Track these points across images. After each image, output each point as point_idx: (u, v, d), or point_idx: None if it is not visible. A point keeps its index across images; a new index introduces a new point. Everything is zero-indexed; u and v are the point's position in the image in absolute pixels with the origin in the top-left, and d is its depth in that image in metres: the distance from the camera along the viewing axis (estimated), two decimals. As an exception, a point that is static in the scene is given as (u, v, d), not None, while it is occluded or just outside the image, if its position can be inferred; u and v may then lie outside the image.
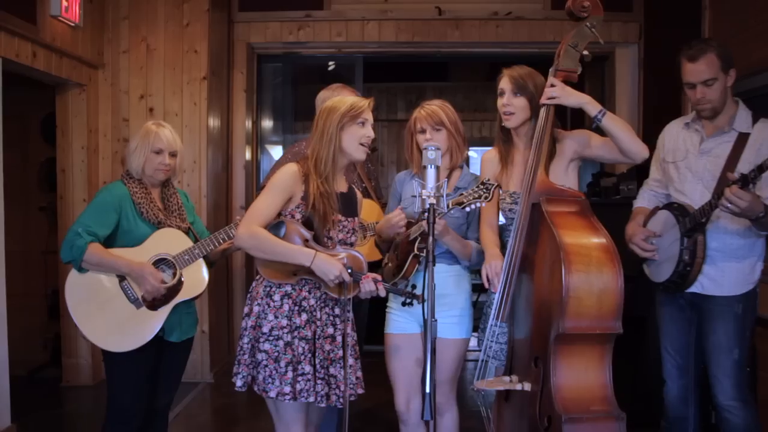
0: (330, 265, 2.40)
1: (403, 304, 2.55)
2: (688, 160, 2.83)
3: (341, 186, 2.61)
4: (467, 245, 2.78)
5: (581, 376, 2.29)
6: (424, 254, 2.66)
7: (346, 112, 2.51)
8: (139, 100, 5.08)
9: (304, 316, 2.46)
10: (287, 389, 2.39)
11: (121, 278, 2.77)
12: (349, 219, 2.59)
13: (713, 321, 2.74)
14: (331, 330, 2.51)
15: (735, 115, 2.75)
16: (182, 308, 2.87)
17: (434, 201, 2.23)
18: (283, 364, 2.41)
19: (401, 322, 2.86)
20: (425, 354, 2.09)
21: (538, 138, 2.54)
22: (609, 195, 4.99)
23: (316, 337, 2.47)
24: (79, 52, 4.69)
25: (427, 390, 2.05)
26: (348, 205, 2.61)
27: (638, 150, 2.56)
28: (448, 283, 2.78)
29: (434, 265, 2.17)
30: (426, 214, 2.22)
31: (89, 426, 4.10)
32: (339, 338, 2.51)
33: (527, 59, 2.89)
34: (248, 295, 2.58)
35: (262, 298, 2.49)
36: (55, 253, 4.85)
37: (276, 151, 6.54)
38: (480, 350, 2.66)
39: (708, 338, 2.76)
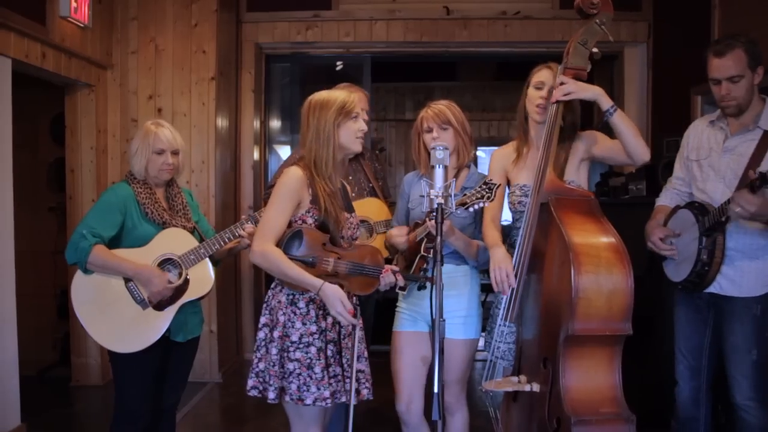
0: (335, 298, 2.36)
1: (419, 288, 2.60)
2: (711, 159, 2.79)
3: (337, 182, 2.60)
4: (473, 245, 2.77)
5: (591, 378, 2.28)
6: (430, 255, 2.68)
7: (340, 109, 2.48)
8: (147, 101, 5.10)
9: (330, 319, 2.45)
10: (326, 393, 2.37)
11: (127, 279, 2.77)
12: (352, 214, 2.60)
13: (732, 322, 2.71)
14: (350, 328, 2.52)
15: (761, 112, 2.68)
16: (188, 308, 2.87)
17: (442, 201, 2.23)
18: (318, 369, 2.38)
19: (409, 321, 2.86)
20: (434, 354, 2.09)
21: (547, 137, 2.53)
22: (618, 194, 4.97)
23: (341, 336, 2.48)
24: (88, 52, 4.71)
25: (435, 390, 2.05)
26: (346, 201, 2.63)
27: (642, 152, 2.57)
28: (457, 283, 2.77)
29: (442, 265, 2.18)
30: (431, 214, 2.22)
31: (98, 426, 4.12)
32: (359, 333, 2.51)
33: (535, 59, 2.88)
34: (265, 305, 2.53)
35: (286, 307, 2.44)
36: (64, 254, 4.87)
37: (284, 151, 6.55)
38: (486, 351, 2.66)
39: (726, 339, 2.73)
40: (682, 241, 2.79)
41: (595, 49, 2.57)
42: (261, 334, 2.49)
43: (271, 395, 2.41)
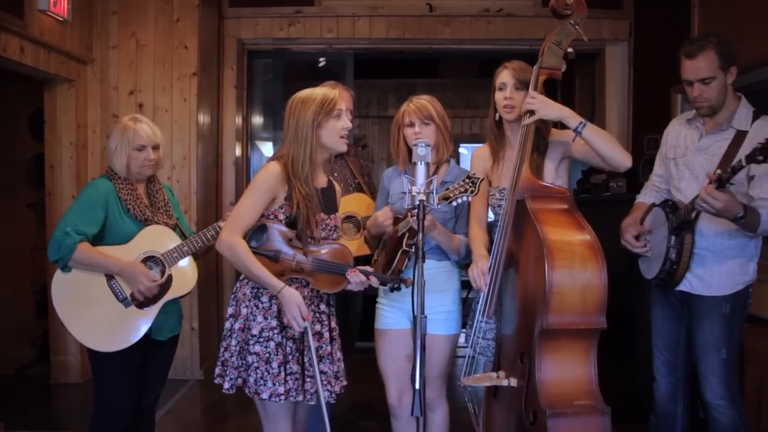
0: (292, 303, 2.36)
1: (392, 290, 2.56)
2: (686, 158, 2.81)
3: (321, 181, 2.58)
4: (455, 239, 2.78)
5: (566, 371, 2.30)
6: (412, 250, 2.68)
7: (319, 109, 2.44)
8: (128, 96, 5.05)
9: None
10: (281, 389, 2.39)
11: (109, 277, 2.74)
12: (331, 216, 2.57)
13: (701, 320, 2.74)
14: (318, 327, 2.51)
15: (735, 112, 2.68)
16: (169, 306, 2.84)
17: (424, 197, 2.23)
18: (275, 365, 2.40)
19: (391, 318, 2.87)
20: (415, 350, 2.10)
21: (523, 136, 2.54)
22: (599, 192, 5.02)
23: (304, 334, 2.47)
24: (68, 47, 4.66)
25: (417, 386, 2.05)
26: (328, 202, 2.59)
27: (621, 161, 2.56)
28: (438, 279, 2.78)
29: (424, 261, 2.18)
30: (414, 209, 2.22)
31: (78, 424, 4.08)
32: (326, 334, 2.51)
33: (518, 56, 2.90)
34: (233, 296, 2.55)
35: (249, 300, 2.46)
36: (43, 250, 4.78)
37: (266, 148, 6.53)
38: (467, 346, 2.67)
39: (696, 337, 2.77)
40: (655, 239, 2.83)
41: (569, 49, 2.59)
42: (227, 324, 2.51)
43: (227, 385, 2.45)
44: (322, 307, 2.52)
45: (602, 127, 5.70)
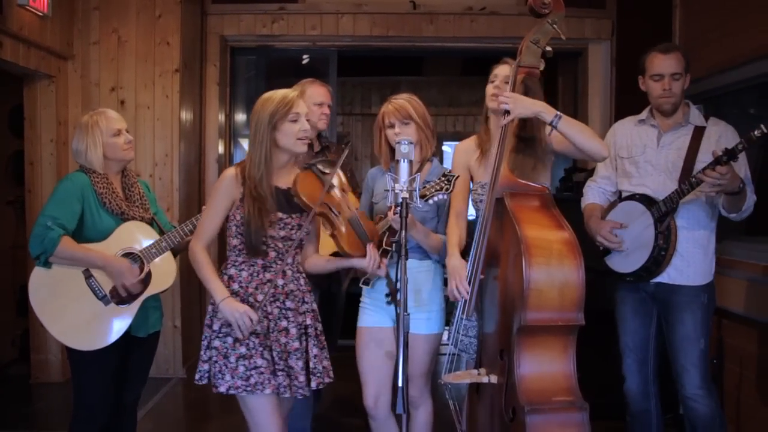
0: (231, 310, 2.42)
1: (364, 282, 2.69)
2: (647, 155, 2.95)
3: (286, 182, 2.57)
4: (435, 238, 2.79)
5: (544, 368, 2.32)
6: (392, 248, 2.69)
7: (275, 111, 2.46)
8: (110, 93, 5.01)
9: (255, 315, 2.47)
10: (239, 383, 2.43)
11: (88, 275, 2.72)
12: (293, 215, 2.55)
13: (681, 312, 2.81)
14: (284, 323, 2.51)
15: (689, 112, 2.93)
16: (149, 302, 2.83)
17: (407, 195, 2.23)
18: (232, 359, 2.44)
19: (373, 316, 2.87)
20: (398, 348, 2.10)
21: (501, 134, 2.55)
22: (581, 190, 5.02)
23: (270, 330, 2.48)
24: (48, 42, 4.61)
25: (400, 384, 2.05)
26: (293, 202, 2.56)
27: (597, 150, 2.58)
28: (420, 278, 2.79)
29: (407, 259, 2.18)
30: (396, 207, 2.22)
31: (58, 423, 4.04)
32: (293, 330, 2.51)
33: (501, 54, 2.90)
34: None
35: (212, 297, 2.52)
36: (23, 248, 4.76)
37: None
38: (449, 344, 2.68)
39: (675, 329, 2.82)
40: (631, 232, 2.89)
41: (547, 48, 2.60)
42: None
43: (197, 376, 2.53)
44: (288, 303, 2.53)
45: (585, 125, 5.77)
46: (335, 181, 2.62)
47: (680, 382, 2.81)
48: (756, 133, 2.49)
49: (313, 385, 2.52)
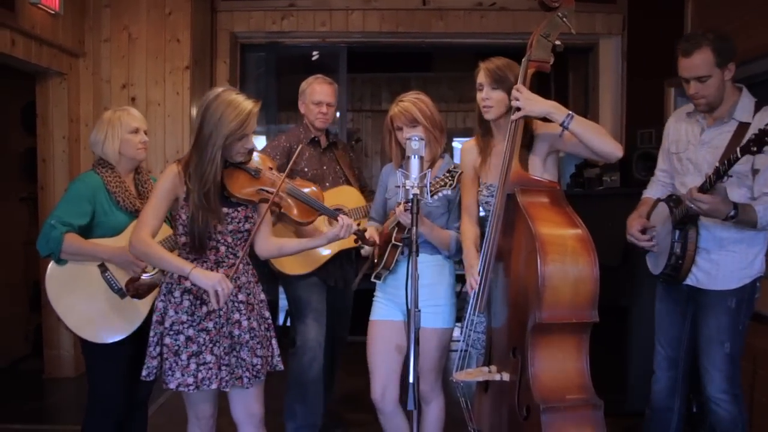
0: (206, 278, 2.39)
1: (356, 241, 2.74)
2: (689, 152, 2.80)
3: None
4: (443, 235, 2.79)
5: (558, 366, 2.31)
6: (402, 244, 2.72)
7: (231, 133, 2.42)
8: (121, 90, 5.04)
9: (205, 309, 2.49)
10: (190, 380, 2.45)
11: (103, 269, 2.75)
12: (239, 209, 2.54)
13: (706, 314, 2.74)
14: (237, 316, 2.53)
15: (736, 104, 2.66)
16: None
17: (418, 191, 2.23)
18: (184, 357, 2.45)
19: (384, 310, 2.89)
20: (409, 344, 2.10)
21: (512, 130, 2.54)
22: (593, 186, 5.03)
23: (221, 325, 2.50)
24: (60, 40, 4.63)
25: (411, 380, 2.06)
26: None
27: (610, 150, 2.51)
28: (429, 273, 2.79)
29: (417, 255, 2.18)
30: (406, 204, 2.22)
31: (71, 418, 4.07)
32: (245, 323, 2.53)
33: (511, 50, 2.90)
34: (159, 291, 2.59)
35: (164, 295, 2.51)
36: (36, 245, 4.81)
37: (259, 142, 6.51)
38: (460, 340, 2.68)
39: (701, 331, 2.76)
40: (660, 234, 2.83)
41: (557, 42, 2.58)
42: (153, 317, 2.56)
43: (144, 372, 2.51)
44: (240, 296, 2.54)
45: (596, 121, 5.72)
46: (258, 164, 2.58)
47: (703, 383, 2.76)
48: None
49: (262, 377, 2.57)
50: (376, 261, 2.88)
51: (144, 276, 2.76)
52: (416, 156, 2.28)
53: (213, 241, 2.49)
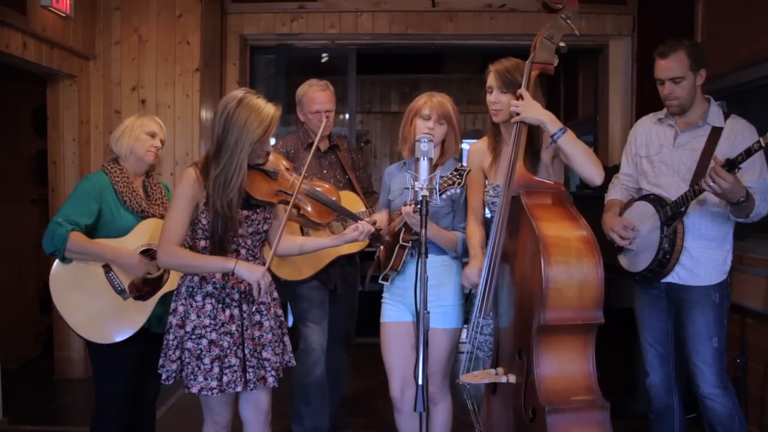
0: (250, 271, 2.41)
1: (373, 238, 2.71)
2: (662, 154, 2.91)
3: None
4: (447, 235, 2.79)
5: (564, 367, 2.31)
6: (409, 245, 2.71)
7: (257, 139, 2.42)
8: (131, 92, 5.06)
9: (228, 312, 2.48)
10: (214, 384, 2.44)
11: (107, 270, 2.76)
12: (257, 210, 2.55)
13: (692, 311, 2.80)
14: (258, 317, 2.54)
15: (707, 111, 2.83)
16: (168, 298, 2.84)
17: (427, 193, 2.23)
18: (207, 361, 2.44)
19: (394, 312, 2.89)
20: (417, 346, 2.10)
21: (517, 132, 2.54)
22: (601, 187, 4.99)
23: (244, 328, 2.50)
24: (71, 43, 4.66)
25: (419, 382, 2.05)
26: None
27: (590, 175, 2.54)
28: (437, 273, 2.78)
29: (426, 256, 2.18)
30: (416, 205, 2.21)
31: (81, 419, 4.09)
32: (266, 323, 2.54)
33: (521, 51, 2.89)
34: (175, 292, 2.58)
35: (185, 299, 2.50)
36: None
37: (269, 144, 6.52)
38: (467, 342, 2.68)
39: (687, 328, 2.81)
40: (640, 233, 2.87)
41: (561, 44, 2.58)
42: (169, 320, 2.55)
43: (163, 376, 2.50)
44: (261, 298, 2.53)
45: (606, 122, 5.72)
46: (276, 165, 2.59)
47: (695, 381, 2.80)
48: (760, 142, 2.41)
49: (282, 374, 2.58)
50: (383, 262, 2.88)
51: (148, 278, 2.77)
52: (425, 158, 2.28)
53: (233, 244, 2.49)
